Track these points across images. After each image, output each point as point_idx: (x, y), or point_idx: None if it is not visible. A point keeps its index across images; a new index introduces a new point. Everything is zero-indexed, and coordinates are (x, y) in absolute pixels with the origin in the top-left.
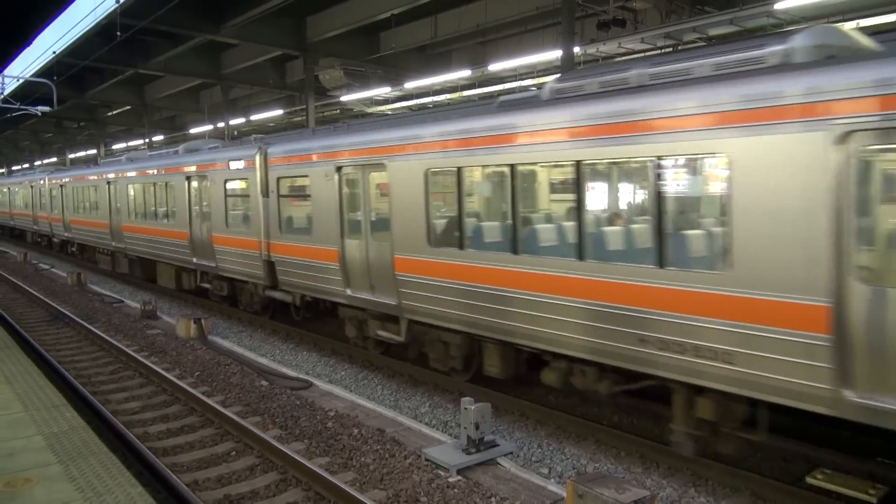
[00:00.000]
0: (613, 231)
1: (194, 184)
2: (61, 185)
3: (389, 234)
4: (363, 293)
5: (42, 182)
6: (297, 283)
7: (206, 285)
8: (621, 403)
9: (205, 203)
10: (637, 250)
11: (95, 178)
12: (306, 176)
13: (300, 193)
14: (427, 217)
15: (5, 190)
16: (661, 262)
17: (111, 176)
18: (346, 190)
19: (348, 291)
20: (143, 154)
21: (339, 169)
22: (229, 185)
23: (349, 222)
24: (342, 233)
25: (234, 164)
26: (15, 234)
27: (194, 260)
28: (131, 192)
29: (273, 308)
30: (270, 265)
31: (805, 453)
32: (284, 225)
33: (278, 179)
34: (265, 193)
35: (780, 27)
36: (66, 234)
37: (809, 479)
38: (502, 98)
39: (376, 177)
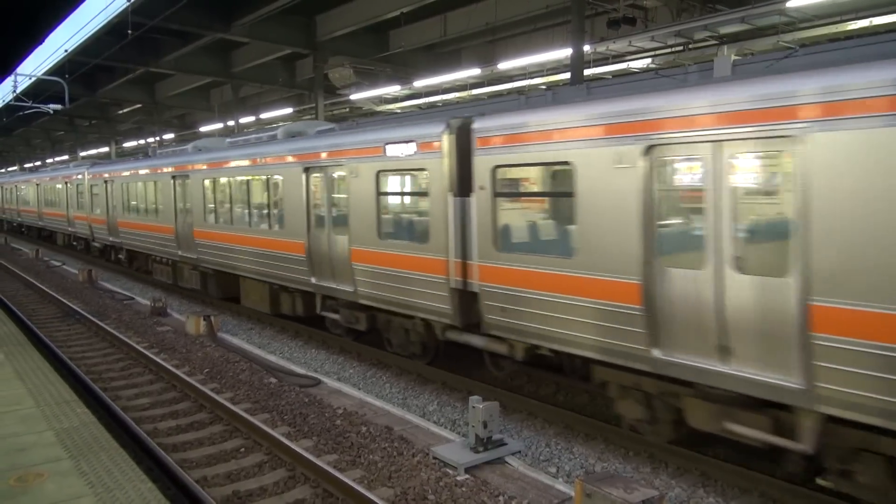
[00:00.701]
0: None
1: (317, 177)
2: (106, 181)
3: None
4: (712, 361)
5: (80, 177)
6: (528, 330)
7: (332, 314)
8: None
9: (336, 203)
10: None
11: (155, 171)
12: (567, 164)
13: (554, 191)
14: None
15: (31, 186)
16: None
17: (181, 169)
18: (661, 186)
19: (661, 355)
20: (216, 143)
21: (648, 150)
22: (386, 180)
23: (668, 238)
24: (649, 255)
25: (395, 150)
26: (42, 235)
27: (313, 280)
28: (209, 190)
29: (440, 353)
30: (467, 297)
31: (815, 455)
32: (506, 238)
33: (495, 170)
34: (461, 191)
35: (792, 25)
36: (111, 239)
37: (819, 481)
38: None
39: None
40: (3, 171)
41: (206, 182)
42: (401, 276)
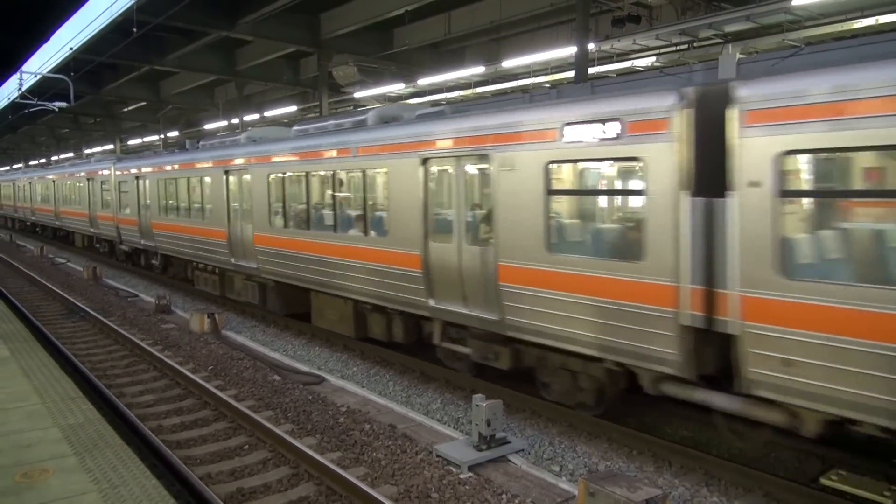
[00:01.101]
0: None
1: (440, 170)
2: (137, 177)
3: None
4: None
5: (106, 172)
6: (833, 397)
7: (457, 346)
8: (633, 402)
9: (473, 204)
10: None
11: (201, 166)
12: None
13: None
14: None
15: (45, 183)
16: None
17: (236, 162)
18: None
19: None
20: (278, 132)
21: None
22: (560, 173)
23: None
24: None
25: (580, 133)
26: (59, 235)
27: (431, 302)
28: (275, 187)
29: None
30: (710, 339)
31: (819, 454)
32: (800, 259)
33: (781, 157)
34: (706, 189)
35: (798, 23)
36: (143, 243)
37: (823, 480)
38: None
39: None
40: (18, 166)
41: (273, 178)
42: (583, 303)
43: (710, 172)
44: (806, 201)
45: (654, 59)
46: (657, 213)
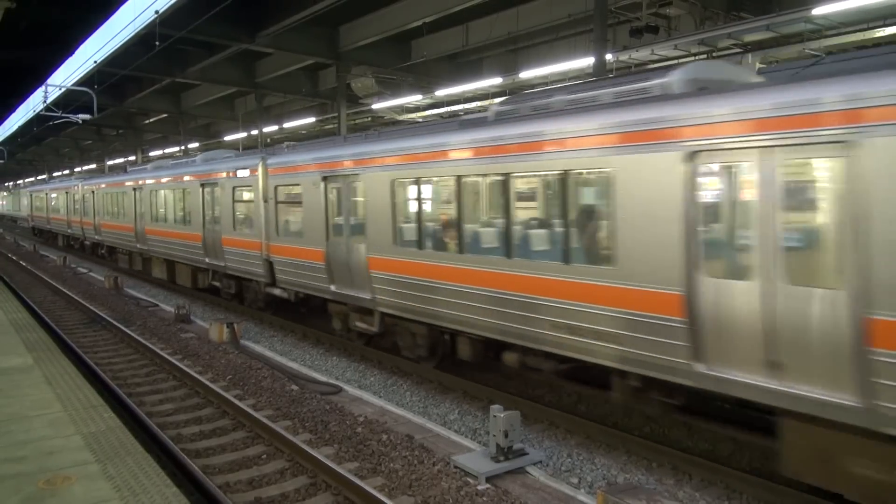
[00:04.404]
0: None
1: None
2: (293, 184)
3: None
4: None
5: (246, 174)
6: None
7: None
8: (652, 414)
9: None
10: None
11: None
12: None
13: None
14: None
15: (119, 193)
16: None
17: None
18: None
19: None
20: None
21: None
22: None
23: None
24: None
25: None
26: (99, 252)
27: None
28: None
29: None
30: None
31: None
32: None
33: None
34: None
35: (818, 33)
36: (331, 289)
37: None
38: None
39: None
40: (42, 177)
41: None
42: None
43: None
44: None
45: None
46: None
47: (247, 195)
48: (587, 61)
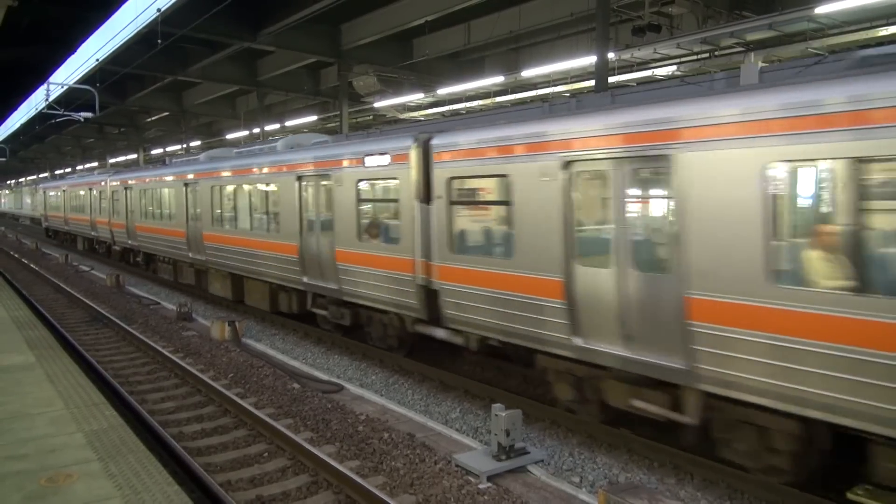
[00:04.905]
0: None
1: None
2: (493, 175)
3: None
4: None
5: (348, 165)
6: None
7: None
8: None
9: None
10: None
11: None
12: None
13: None
14: None
15: (156, 189)
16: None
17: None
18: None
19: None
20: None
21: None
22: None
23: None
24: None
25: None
26: (133, 260)
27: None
28: None
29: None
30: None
31: (846, 468)
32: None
33: None
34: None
35: (821, 32)
36: (578, 344)
37: (850, 495)
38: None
39: None
40: (44, 175)
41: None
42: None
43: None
44: None
45: (674, 68)
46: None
47: (386, 192)
48: (589, 60)
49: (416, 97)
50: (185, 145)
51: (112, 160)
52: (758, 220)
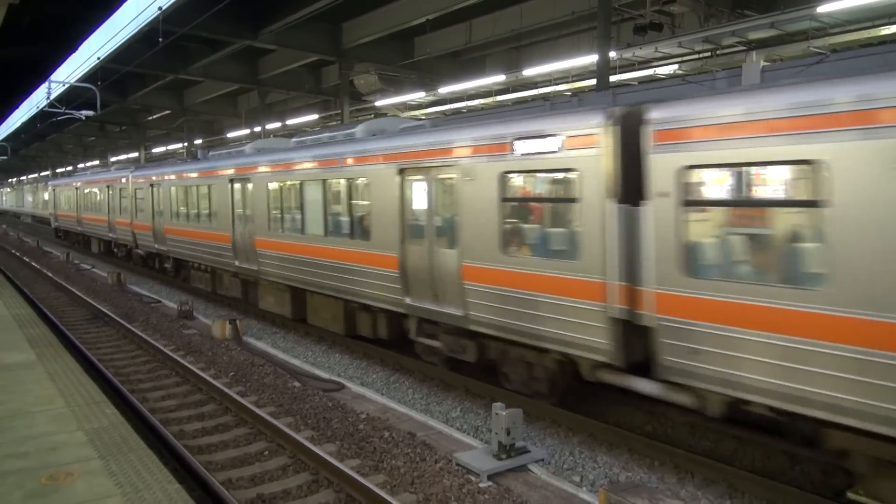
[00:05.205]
0: None
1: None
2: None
3: None
4: None
5: (487, 151)
6: None
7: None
8: (655, 412)
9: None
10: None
11: None
12: None
13: None
14: None
15: (191, 186)
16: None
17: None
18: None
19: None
20: None
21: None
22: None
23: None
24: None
25: None
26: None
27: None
28: None
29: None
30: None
31: (847, 468)
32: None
33: None
34: None
35: (823, 30)
36: None
37: (850, 494)
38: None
39: None
40: (45, 174)
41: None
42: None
43: None
44: None
45: (676, 66)
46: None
47: (555, 189)
48: (591, 58)
49: (417, 96)
50: (186, 143)
51: (114, 158)
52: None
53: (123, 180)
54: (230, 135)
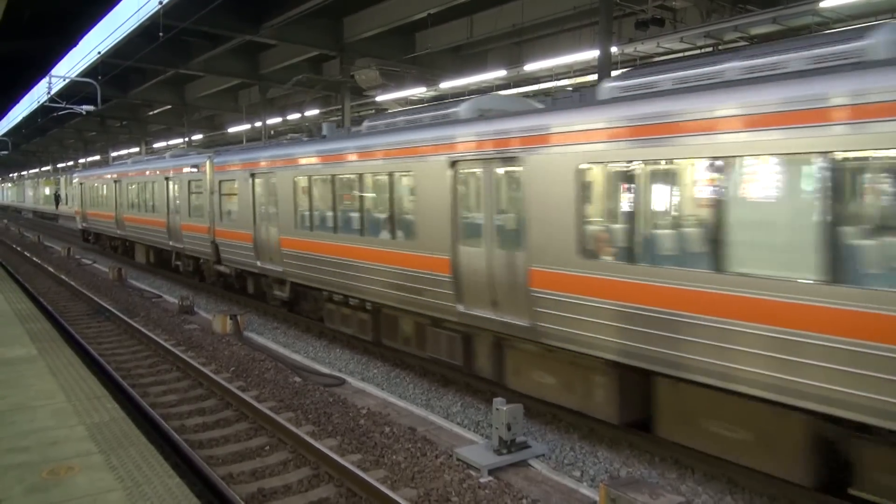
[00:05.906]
0: None
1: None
2: None
3: None
4: None
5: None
6: None
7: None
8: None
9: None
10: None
11: None
12: None
13: None
14: None
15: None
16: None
17: None
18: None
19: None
20: None
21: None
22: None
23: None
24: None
25: None
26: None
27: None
28: None
29: None
30: None
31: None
32: None
33: None
34: None
35: (826, 25)
36: None
37: (852, 490)
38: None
39: None
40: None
41: None
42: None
43: None
44: None
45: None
46: None
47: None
48: (592, 54)
49: (419, 91)
50: (186, 139)
51: (114, 153)
52: None
53: (196, 169)
54: (231, 130)
